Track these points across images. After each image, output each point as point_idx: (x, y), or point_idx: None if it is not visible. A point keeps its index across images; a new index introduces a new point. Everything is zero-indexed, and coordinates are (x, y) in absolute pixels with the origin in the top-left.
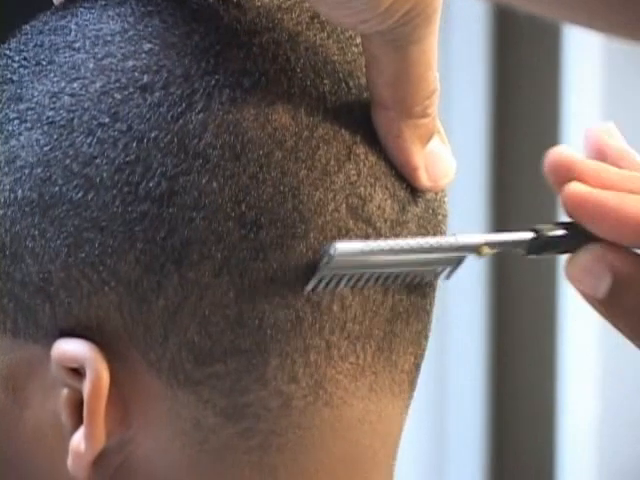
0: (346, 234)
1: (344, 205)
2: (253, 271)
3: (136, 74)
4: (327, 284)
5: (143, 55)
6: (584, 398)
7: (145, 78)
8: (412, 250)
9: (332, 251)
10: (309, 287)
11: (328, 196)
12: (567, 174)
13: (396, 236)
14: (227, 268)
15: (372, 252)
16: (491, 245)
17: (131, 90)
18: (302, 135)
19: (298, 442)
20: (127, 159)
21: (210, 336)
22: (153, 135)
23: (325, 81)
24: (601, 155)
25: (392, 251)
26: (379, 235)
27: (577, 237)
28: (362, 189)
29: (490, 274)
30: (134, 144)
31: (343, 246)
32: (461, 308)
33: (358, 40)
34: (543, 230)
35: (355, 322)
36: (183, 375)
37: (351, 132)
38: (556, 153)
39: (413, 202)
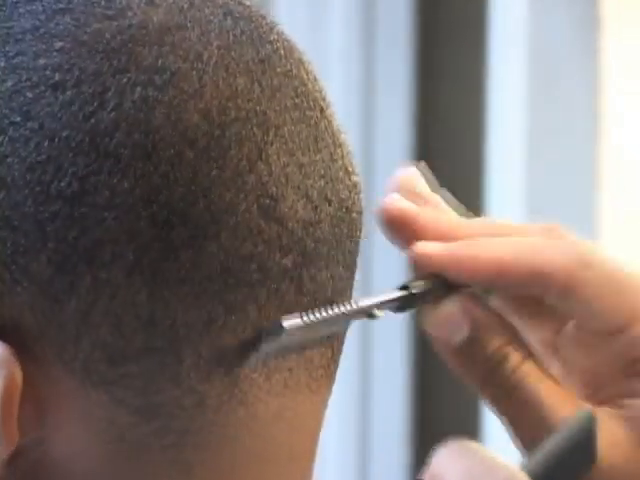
0: (258, 234)
1: (255, 205)
2: (165, 271)
3: (47, 72)
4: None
5: (54, 53)
6: None
7: (57, 76)
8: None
9: (277, 332)
10: (250, 364)
11: (239, 196)
12: (408, 230)
13: (308, 236)
14: (139, 268)
15: (312, 324)
16: (368, 307)
17: (42, 89)
18: (214, 134)
19: (213, 440)
20: (39, 158)
21: (123, 336)
22: (65, 134)
23: (238, 80)
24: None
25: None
26: (291, 235)
27: (442, 288)
28: (274, 189)
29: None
30: (46, 143)
31: (289, 324)
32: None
33: (272, 37)
34: (411, 286)
35: (269, 321)
36: (96, 375)
37: (263, 132)
38: (391, 208)
39: (326, 202)
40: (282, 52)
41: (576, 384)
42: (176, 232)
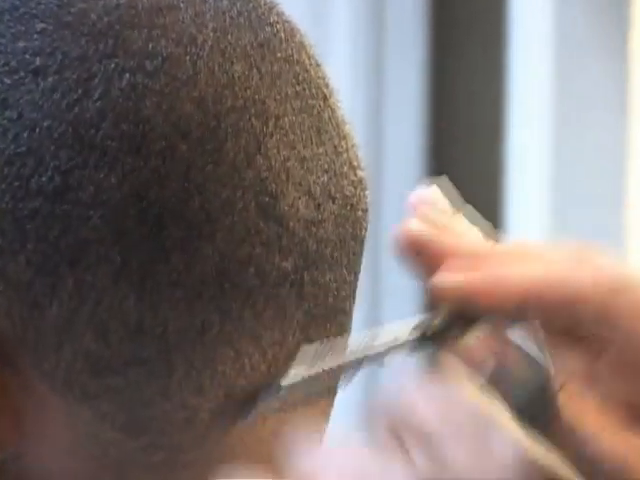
0: (256, 235)
1: (253, 203)
2: (155, 274)
3: (27, 56)
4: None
5: (35, 36)
6: None
7: (37, 61)
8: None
9: (275, 391)
10: (249, 419)
11: (236, 193)
12: (425, 259)
13: (310, 236)
14: (127, 271)
15: (311, 379)
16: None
17: (22, 74)
18: (209, 125)
19: (205, 458)
20: (18, 150)
21: (108, 345)
22: (46, 124)
23: (235, 66)
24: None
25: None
26: (292, 235)
27: (459, 325)
28: (273, 186)
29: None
30: (25, 134)
31: (287, 383)
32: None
33: (271, 19)
34: (426, 327)
35: (267, 329)
36: (79, 388)
37: (262, 123)
38: (408, 235)
39: (329, 199)
40: (282, 35)
41: (616, 413)
42: (167, 232)
